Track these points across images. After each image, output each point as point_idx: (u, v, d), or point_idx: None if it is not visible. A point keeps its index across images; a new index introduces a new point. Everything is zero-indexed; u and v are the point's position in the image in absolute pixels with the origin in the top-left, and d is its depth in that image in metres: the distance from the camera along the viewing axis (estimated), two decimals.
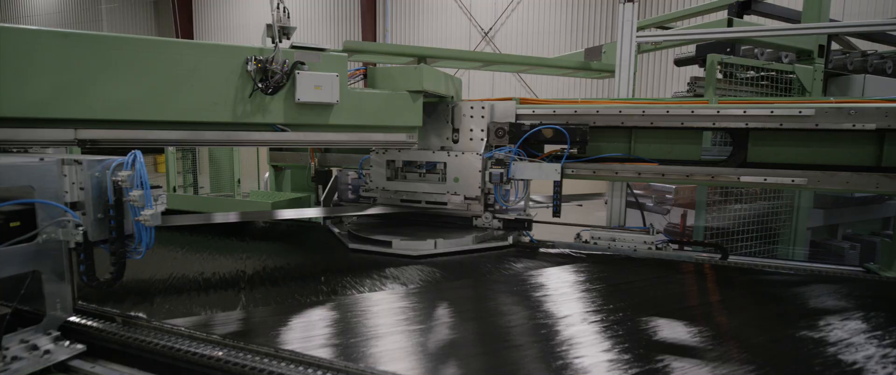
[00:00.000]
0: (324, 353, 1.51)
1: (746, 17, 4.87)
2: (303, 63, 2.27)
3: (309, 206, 3.57)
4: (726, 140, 2.87)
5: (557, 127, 2.76)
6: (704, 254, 2.86)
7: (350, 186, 3.39)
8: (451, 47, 16.94)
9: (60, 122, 1.96)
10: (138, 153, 1.68)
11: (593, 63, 4.14)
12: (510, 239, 2.88)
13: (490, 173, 2.78)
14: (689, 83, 3.93)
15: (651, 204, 5.04)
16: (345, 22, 18.24)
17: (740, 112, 2.55)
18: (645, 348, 1.61)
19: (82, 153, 2.43)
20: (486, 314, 1.93)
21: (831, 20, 4.11)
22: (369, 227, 2.99)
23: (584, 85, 14.21)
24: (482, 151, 2.86)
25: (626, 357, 1.54)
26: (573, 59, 4.56)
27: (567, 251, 2.80)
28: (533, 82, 15.98)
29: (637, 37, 2.97)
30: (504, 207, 2.99)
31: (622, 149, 2.88)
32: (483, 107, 2.92)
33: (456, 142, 2.98)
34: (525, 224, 2.95)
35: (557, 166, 2.72)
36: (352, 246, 2.79)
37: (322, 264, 2.57)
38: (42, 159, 1.59)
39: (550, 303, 2.02)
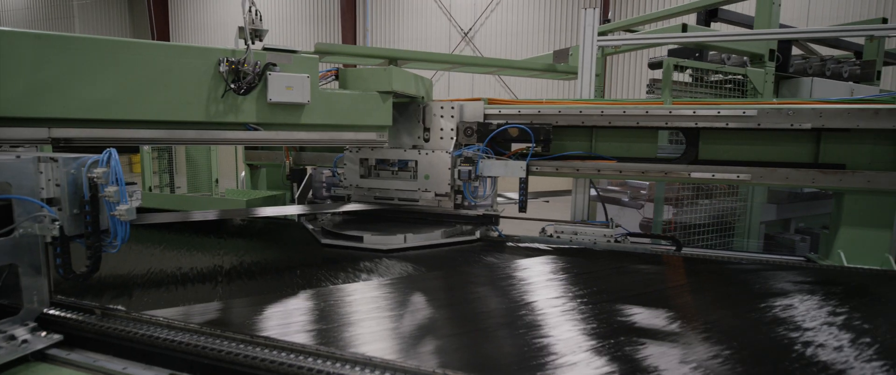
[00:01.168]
0: (300, 339, 1.59)
1: (713, 24, 5.12)
2: (274, 64, 2.35)
3: (284, 204, 3.65)
4: (680, 139, 3.04)
5: (522, 126, 2.90)
6: (660, 247, 3.04)
7: (324, 184, 3.47)
8: (431, 47, 17.06)
9: (34, 122, 2.01)
10: (113, 151, 1.74)
11: (559, 65, 4.30)
12: (478, 234, 3.01)
13: (458, 170, 2.91)
14: (648, 85, 4.12)
15: (626, 200, 5.25)
16: (325, 21, 18.19)
17: (690, 112, 2.72)
18: (610, 325, 1.76)
19: (54, 151, 2.47)
20: (457, 301, 2.06)
21: (784, 26, 4.35)
22: (343, 223, 3.09)
23: (561, 85, 14.47)
24: (452, 150, 2.98)
25: (594, 334, 1.69)
26: (540, 61, 4.72)
27: (533, 244, 2.94)
28: (512, 82, 16.20)
29: (598, 41, 3.13)
30: (473, 203, 3.11)
31: (584, 148, 3.04)
32: (453, 107, 3.04)
33: (427, 140, 3.10)
34: (492, 219, 3.08)
35: (523, 164, 2.86)
36: (325, 241, 2.88)
37: (297, 259, 2.66)
38: (18, 157, 1.64)
39: (519, 290, 2.16)
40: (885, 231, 2.63)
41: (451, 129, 3.05)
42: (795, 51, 5.57)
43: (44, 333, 1.63)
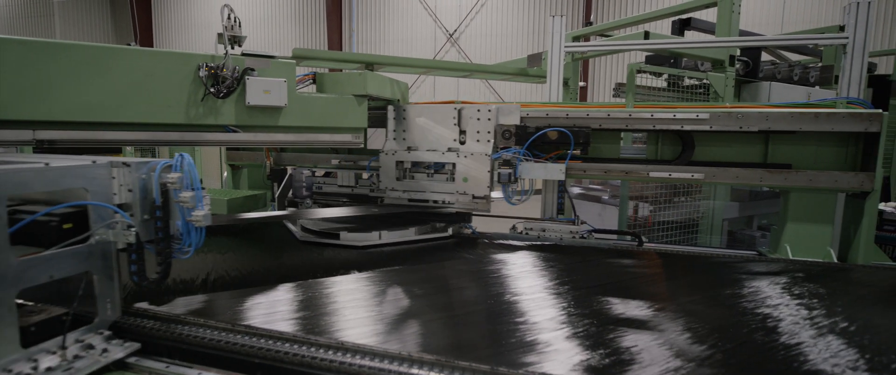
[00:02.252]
0: (285, 327, 1.69)
1: (687, 33, 5.34)
2: (252, 69, 2.47)
3: (264, 203, 3.75)
4: (644, 140, 3.22)
5: (563, 129, 2.91)
6: (624, 242, 3.21)
7: (304, 184, 3.58)
8: (417, 48, 17.17)
9: (19, 124, 2.10)
10: (187, 155, 1.71)
11: (530, 69, 4.47)
12: (450, 231, 3.16)
13: (499, 173, 2.93)
14: (614, 88, 4.30)
15: (606, 198, 5.45)
16: (311, 21, 18.19)
17: (648, 115, 2.89)
18: (581, 307, 1.94)
19: (34, 152, 2.55)
20: (433, 290, 2.20)
21: (746, 33, 4.57)
22: (321, 222, 3.21)
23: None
24: (490, 152, 2.99)
25: (567, 316, 1.87)
26: (513, 65, 4.89)
27: (505, 241, 3.09)
28: (498, 85, 16.35)
29: (565, 47, 3.29)
30: (511, 204, 3.09)
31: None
32: (489, 111, 3.04)
33: (463, 143, 3.08)
34: (465, 217, 3.23)
35: (562, 166, 2.90)
36: (304, 238, 3.00)
37: (277, 255, 2.77)
38: (94, 162, 1.62)
39: (492, 280, 2.32)
40: (827, 226, 2.83)
41: (488, 132, 3.02)
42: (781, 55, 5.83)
43: (122, 341, 1.62)
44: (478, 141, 3.05)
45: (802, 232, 2.85)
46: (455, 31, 16.78)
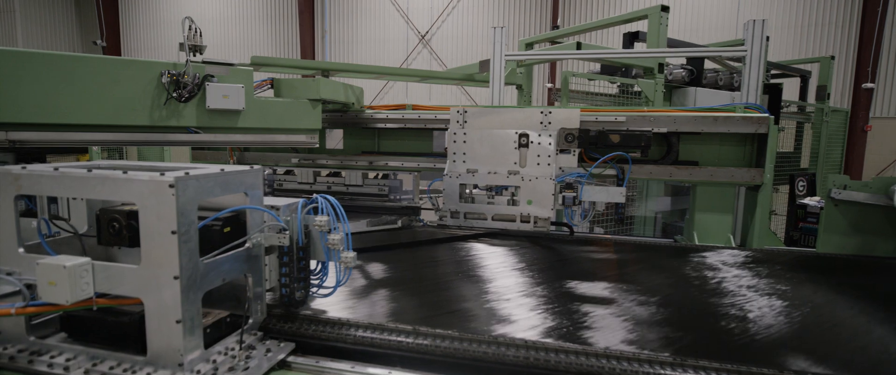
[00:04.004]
0: None
1: (637, 44, 5.76)
2: (212, 76, 2.71)
3: None
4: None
5: (625, 132, 3.03)
6: (557, 233, 3.56)
7: (265, 181, 3.83)
8: (389, 49, 17.39)
9: None
10: (332, 198, 1.74)
11: (477, 74, 4.81)
12: (400, 223, 3.45)
13: (563, 197, 3.06)
14: (547, 93, 4.67)
15: None
16: (283, 21, 18.19)
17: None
18: (533, 284, 2.32)
19: (9, 152, 2.73)
20: (398, 272, 2.53)
21: (679, 43, 5.00)
22: None
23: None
24: (554, 176, 3.06)
25: (519, 283, 2.28)
26: (462, 71, 5.22)
27: (453, 232, 3.40)
28: (471, 89, 16.68)
29: (506, 56, 3.62)
30: (574, 226, 3.29)
31: None
32: (550, 136, 3.05)
33: (523, 166, 3.10)
34: (415, 210, 3.53)
35: (623, 190, 3.02)
36: None
37: None
38: (252, 168, 1.70)
39: (439, 261, 2.68)
40: (728, 215, 3.24)
41: (549, 156, 3.02)
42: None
43: (277, 341, 1.68)
44: (538, 164, 3.07)
45: (707, 221, 3.25)
46: (427, 32, 17.06)
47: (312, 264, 1.86)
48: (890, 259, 2.92)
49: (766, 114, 3.06)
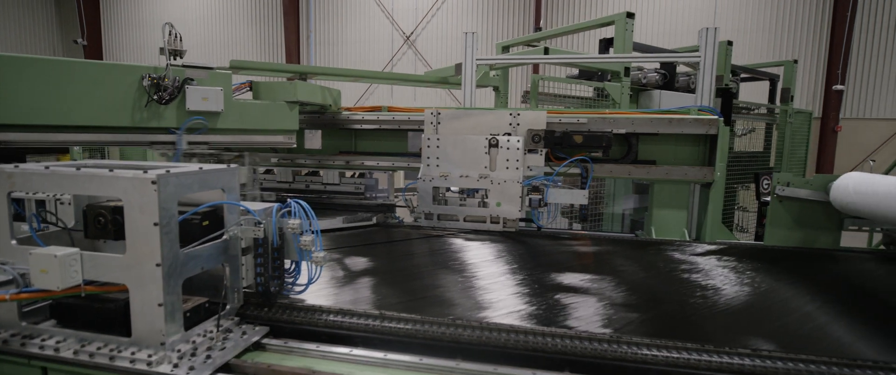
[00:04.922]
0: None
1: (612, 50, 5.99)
2: (192, 79, 2.85)
3: None
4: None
5: (587, 133, 3.23)
6: (527, 229, 3.76)
7: (251, 180, 3.95)
8: (374, 50, 17.49)
9: None
10: (303, 202, 1.86)
11: (451, 77, 4.99)
12: (375, 220, 3.61)
13: (529, 199, 3.27)
14: (522, 96, 4.88)
15: None
16: (268, 21, 18.14)
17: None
18: (514, 273, 2.51)
19: None
20: (380, 263, 2.70)
21: (641, 47, 5.24)
22: None
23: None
24: (520, 179, 3.22)
25: (496, 271, 2.49)
26: (437, 74, 5.39)
27: (427, 232, 3.56)
28: (456, 91, 16.82)
29: (477, 60, 3.80)
30: (539, 227, 3.56)
31: None
32: (518, 140, 3.21)
33: (493, 170, 3.26)
34: (390, 208, 3.69)
35: (585, 192, 3.26)
36: None
37: None
38: (229, 166, 1.84)
39: (416, 255, 2.85)
40: (683, 211, 3.46)
41: (517, 161, 3.18)
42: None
43: (252, 325, 1.81)
44: (507, 168, 3.23)
45: (664, 217, 3.47)
46: (412, 33, 17.19)
47: (287, 263, 1.97)
48: (829, 250, 3.16)
49: (717, 117, 3.28)
